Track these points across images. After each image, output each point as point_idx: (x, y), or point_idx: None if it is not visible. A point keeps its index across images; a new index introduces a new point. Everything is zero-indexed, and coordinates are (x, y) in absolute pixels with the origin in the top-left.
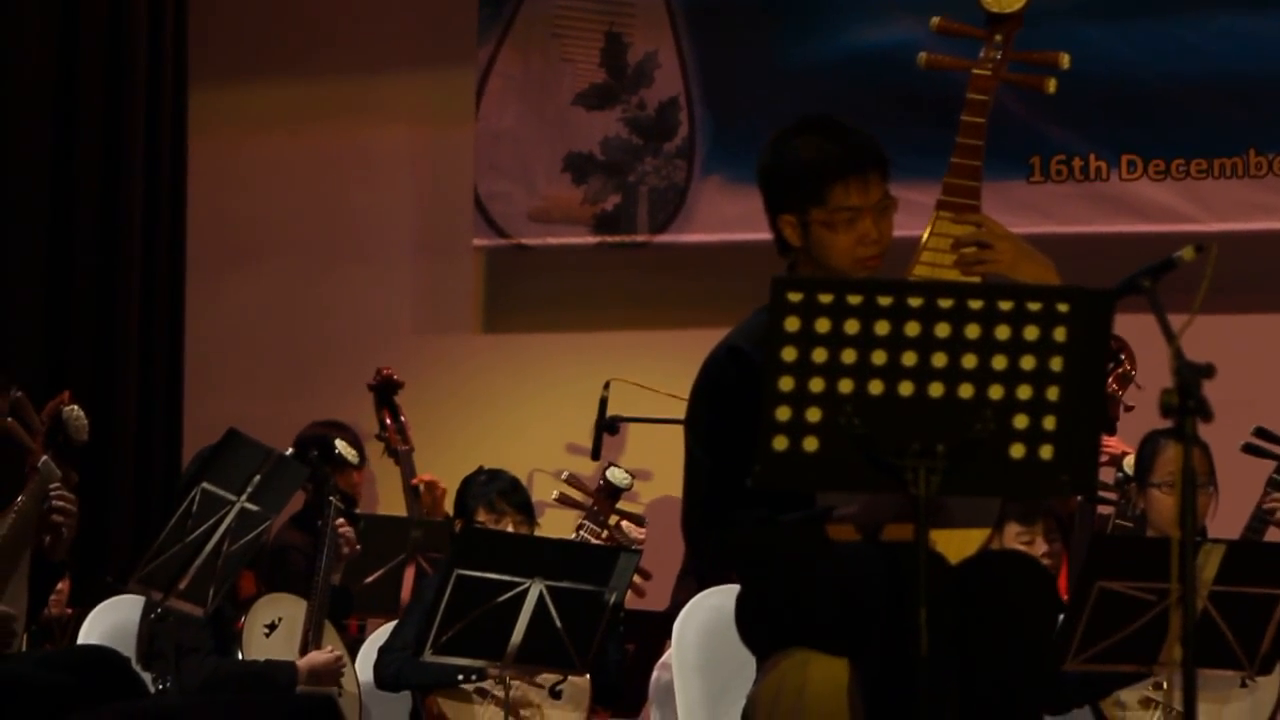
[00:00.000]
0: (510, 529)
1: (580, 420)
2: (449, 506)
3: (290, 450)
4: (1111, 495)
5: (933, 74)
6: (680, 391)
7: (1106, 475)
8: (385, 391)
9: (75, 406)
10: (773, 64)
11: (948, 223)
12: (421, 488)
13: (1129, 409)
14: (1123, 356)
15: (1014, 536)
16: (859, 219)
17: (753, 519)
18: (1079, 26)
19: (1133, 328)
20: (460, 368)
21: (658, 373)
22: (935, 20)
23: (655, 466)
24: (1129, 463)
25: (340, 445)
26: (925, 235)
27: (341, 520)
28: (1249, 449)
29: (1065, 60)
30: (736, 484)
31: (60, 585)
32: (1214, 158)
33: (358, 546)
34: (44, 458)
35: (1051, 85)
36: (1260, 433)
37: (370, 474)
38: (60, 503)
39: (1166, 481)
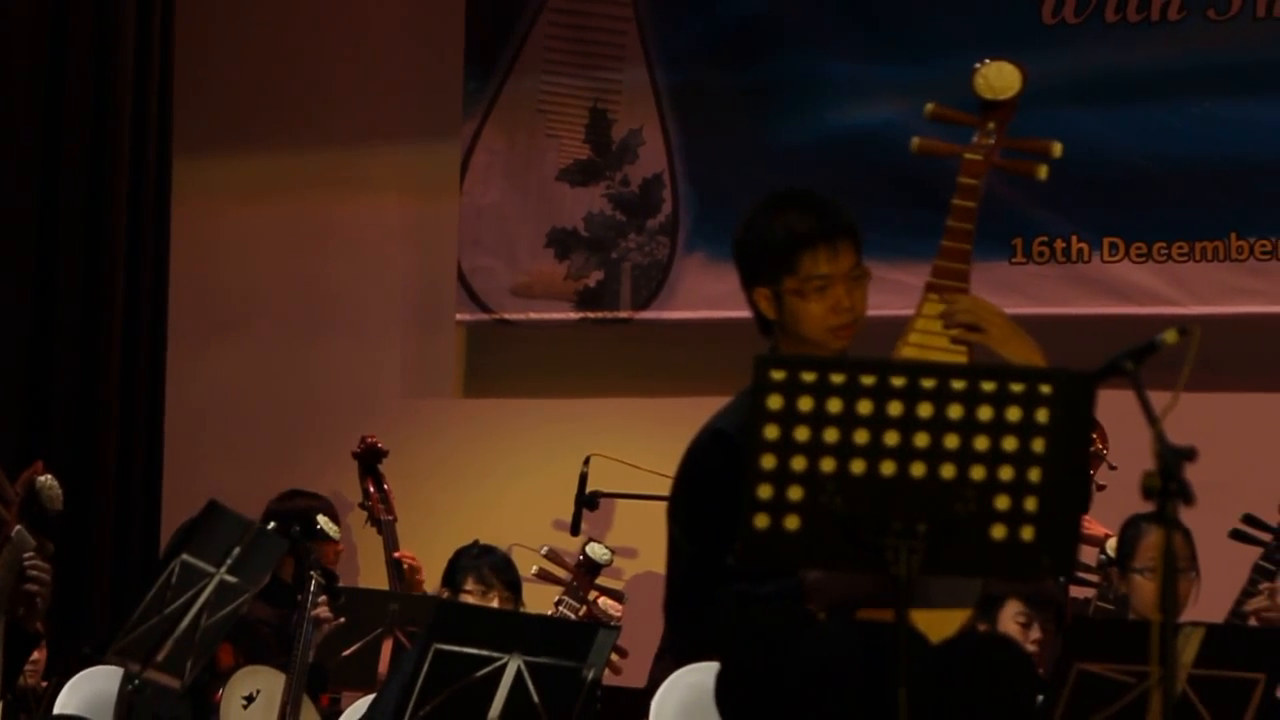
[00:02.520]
0: (496, 604)
1: (560, 494)
2: (437, 578)
3: (261, 521)
4: (1094, 578)
5: (920, 156)
6: (661, 467)
7: (1088, 557)
8: (370, 460)
9: (49, 476)
10: (758, 142)
11: (936, 304)
12: (405, 565)
13: (1101, 488)
14: (1094, 435)
15: (1013, 615)
16: (830, 287)
17: (732, 596)
18: (1061, 109)
19: (1112, 406)
20: (442, 438)
21: (639, 446)
22: (930, 107)
23: (635, 542)
24: (1111, 545)
25: (322, 520)
26: (914, 316)
27: (324, 598)
28: (1236, 535)
29: (1057, 149)
30: (718, 569)
31: (36, 655)
32: (1195, 241)
33: (341, 620)
34: (18, 528)
35: (1043, 172)
36: (1247, 519)
37: (352, 545)
38: (34, 572)
39: (1148, 567)
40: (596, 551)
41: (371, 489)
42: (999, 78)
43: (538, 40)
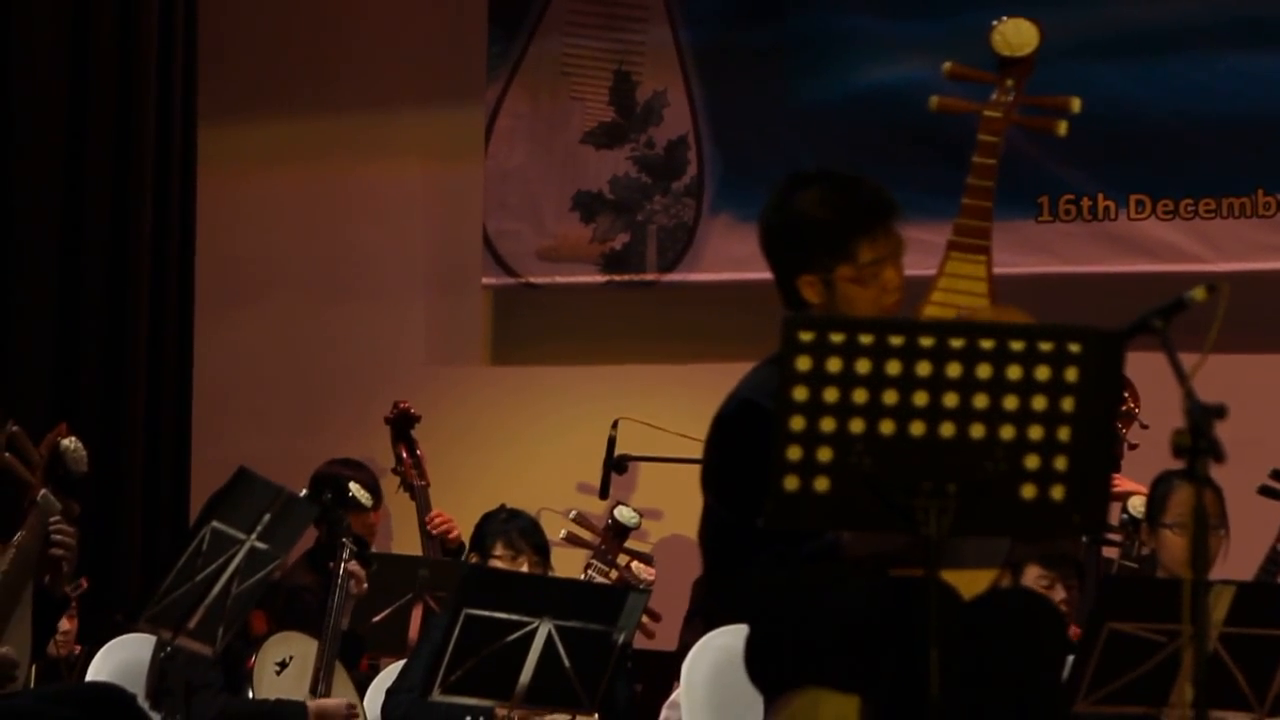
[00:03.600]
0: (525, 569)
1: (589, 458)
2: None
3: (305, 490)
4: (1116, 536)
5: (941, 114)
6: (689, 430)
7: (1111, 517)
8: (402, 425)
9: (73, 438)
10: (782, 103)
11: (959, 262)
12: (437, 527)
13: (1133, 447)
14: (1126, 394)
15: (1034, 579)
16: (884, 269)
17: (771, 557)
18: (1087, 66)
19: (1141, 366)
20: (468, 404)
21: (666, 410)
22: (948, 65)
23: (664, 505)
24: (1133, 504)
25: (354, 487)
26: (937, 275)
27: (355, 564)
28: (1265, 491)
29: (1076, 104)
30: (755, 533)
31: (67, 625)
32: (1222, 197)
33: (365, 586)
34: (43, 491)
35: (1062, 128)
36: (1276, 475)
37: (385, 510)
38: (59, 536)
39: (1178, 522)
40: (624, 515)
41: (405, 454)
42: (1016, 34)
43: (561, 1)
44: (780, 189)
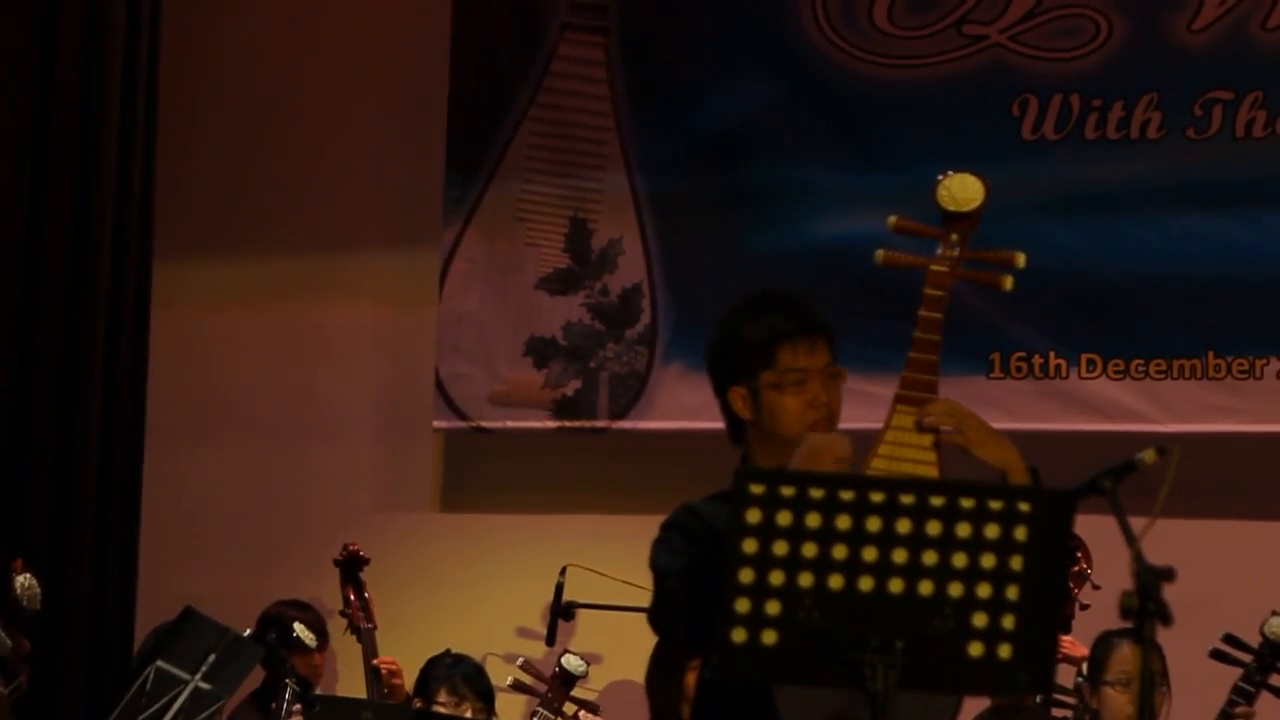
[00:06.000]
0: (469, 715)
1: (536, 603)
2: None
3: (249, 630)
4: (1070, 700)
5: (887, 268)
6: (637, 578)
7: (1065, 678)
8: (351, 568)
9: (28, 575)
10: (736, 253)
11: (905, 416)
12: (383, 671)
13: (1084, 607)
14: (1079, 555)
15: None
16: (808, 380)
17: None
18: (1039, 224)
19: (1091, 528)
20: (417, 548)
21: (615, 558)
22: (892, 219)
23: (610, 652)
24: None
25: (298, 628)
26: (883, 428)
27: (298, 706)
28: (1216, 655)
29: (1021, 259)
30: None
31: None
32: (1173, 358)
33: None
34: None
35: (1008, 283)
36: (1228, 639)
37: (331, 651)
38: None
39: (1120, 679)
40: (571, 663)
41: (352, 596)
42: (961, 189)
43: (519, 147)
44: (725, 313)
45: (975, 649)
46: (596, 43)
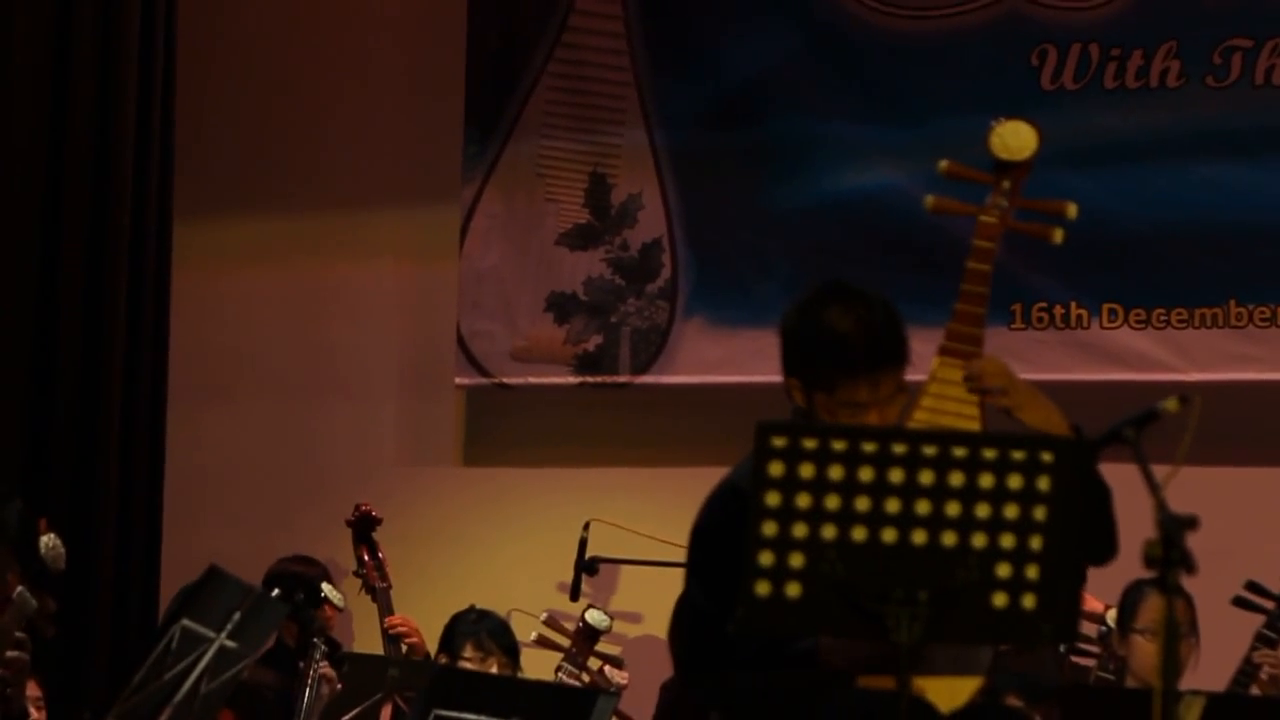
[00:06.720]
0: (495, 670)
1: (560, 559)
2: (431, 645)
3: (263, 584)
4: (1094, 649)
5: (917, 219)
6: (660, 532)
7: (1088, 629)
8: (363, 528)
9: (52, 535)
10: (757, 207)
11: (950, 368)
12: (395, 630)
13: None
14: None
15: None
16: (861, 413)
17: (746, 658)
18: (1060, 175)
19: (1113, 477)
20: (440, 504)
21: (638, 513)
22: (944, 164)
23: (635, 607)
24: (1111, 616)
25: (327, 588)
26: (927, 380)
27: (324, 662)
28: (1239, 602)
29: (1073, 210)
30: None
31: (36, 717)
32: (1194, 307)
33: (338, 685)
34: (20, 588)
35: (1058, 235)
36: (1251, 586)
37: (347, 611)
38: (12, 654)
39: (1149, 628)
40: (595, 618)
41: (366, 557)
42: (1015, 137)
43: (538, 103)
44: (811, 292)
45: (999, 599)
46: None
